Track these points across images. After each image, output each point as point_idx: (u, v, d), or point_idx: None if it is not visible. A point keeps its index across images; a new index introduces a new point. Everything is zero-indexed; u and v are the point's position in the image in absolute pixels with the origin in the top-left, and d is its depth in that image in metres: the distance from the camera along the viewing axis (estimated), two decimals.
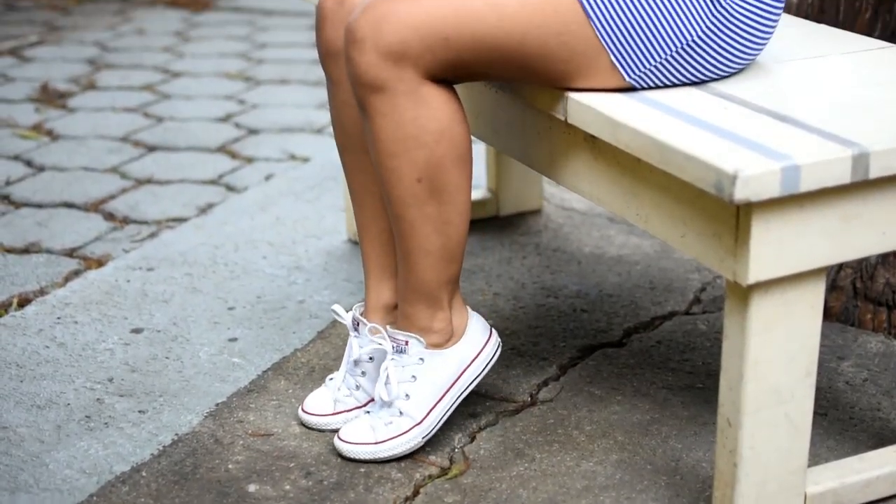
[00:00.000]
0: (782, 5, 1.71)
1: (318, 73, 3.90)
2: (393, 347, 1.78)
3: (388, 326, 1.81)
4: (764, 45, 1.72)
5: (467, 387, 1.80)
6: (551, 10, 1.61)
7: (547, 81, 1.67)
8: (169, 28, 4.59)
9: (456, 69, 1.64)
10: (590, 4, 1.61)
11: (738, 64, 1.71)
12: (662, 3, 1.63)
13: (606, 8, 1.62)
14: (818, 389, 1.91)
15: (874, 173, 1.45)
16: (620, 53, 1.63)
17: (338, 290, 2.31)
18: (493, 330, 1.84)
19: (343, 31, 1.76)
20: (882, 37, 2.17)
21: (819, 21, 2.28)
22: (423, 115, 1.63)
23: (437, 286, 1.74)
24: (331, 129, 3.30)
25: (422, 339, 1.76)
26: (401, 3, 1.61)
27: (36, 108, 3.54)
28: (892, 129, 1.51)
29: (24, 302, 2.29)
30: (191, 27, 4.61)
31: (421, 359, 1.77)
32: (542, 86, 1.70)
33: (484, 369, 1.82)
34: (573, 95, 1.66)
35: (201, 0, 5.02)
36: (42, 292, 2.33)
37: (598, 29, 1.62)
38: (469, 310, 1.82)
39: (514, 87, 1.79)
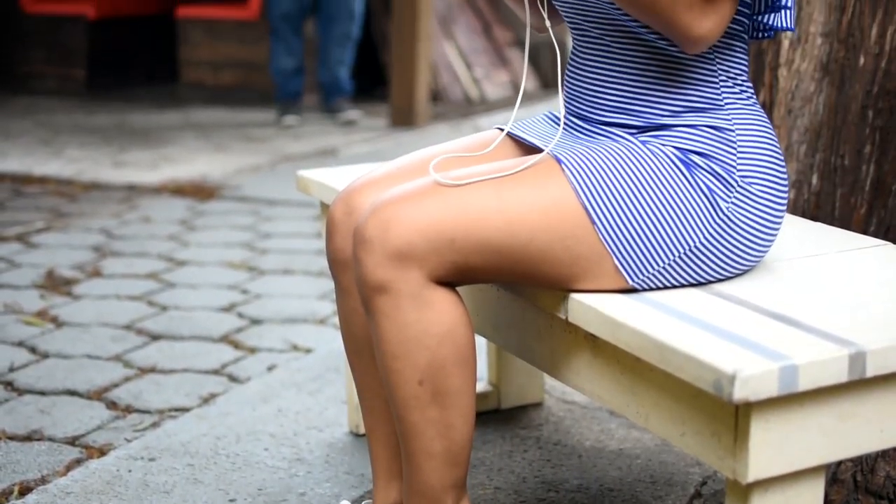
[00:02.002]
0: (783, 213, 1.77)
1: (322, 263, 3.95)
2: None
3: None
4: (766, 250, 1.77)
5: None
6: (556, 215, 1.66)
7: (551, 284, 1.71)
8: (174, 216, 4.66)
9: (461, 271, 1.67)
10: (594, 210, 1.66)
11: (741, 268, 1.75)
12: (666, 209, 1.68)
13: (610, 213, 1.66)
14: None
15: (871, 372, 1.48)
16: (624, 258, 1.67)
17: (339, 483, 2.30)
18: None
19: (351, 239, 1.80)
20: (877, 232, 2.21)
21: (816, 217, 2.33)
22: (427, 318, 1.66)
23: (441, 490, 1.73)
24: (333, 320, 3.33)
25: None
26: (408, 206, 1.65)
27: (41, 295, 3.58)
28: (887, 328, 1.54)
29: (25, 490, 2.28)
30: (196, 216, 4.68)
31: None
32: (545, 288, 1.73)
33: None
34: (574, 295, 1.69)
35: (206, 189, 5.11)
36: (43, 481, 2.33)
37: (602, 234, 1.66)
38: None
39: (515, 286, 1.83)
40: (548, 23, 1.86)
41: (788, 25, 1.78)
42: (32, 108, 7.43)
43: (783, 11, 1.77)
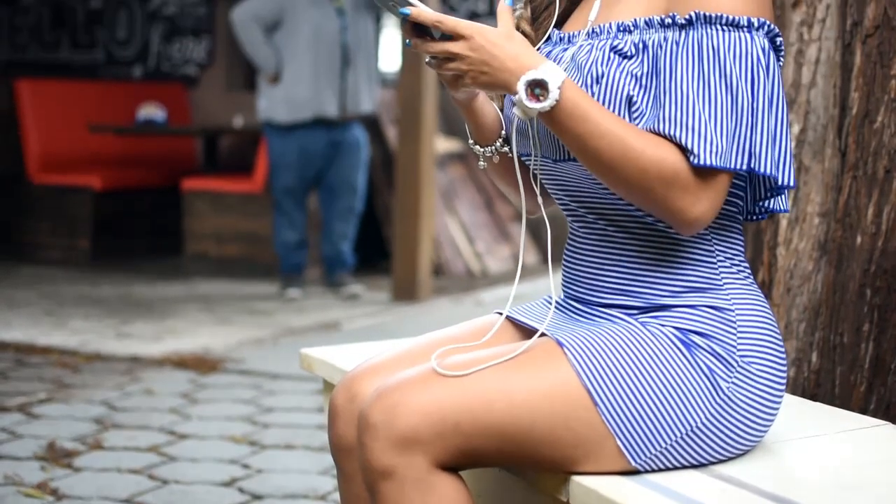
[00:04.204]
0: (783, 393, 1.78)
1: (323, 437, 3.94)
2: None
3: None
4: (767, 429, 1.78)
5: None
6: (560, 398, 1.68)
7: (553, 466, 1.71)
8: (176, 389, 4.66)
9: (465, 455, 1.68)
10: (597, 392, 1.68)
11: (742, 448, 1.76)
12: (667, 390, 1.69)
13: (613, 395, 1.68)
14: None
15: None
16: (627, 439, 1.68)
17: None
18: None
19: (354, 426, 1.81)
20: (877, 410, 2.22)
21: (815, 394, 2.34)
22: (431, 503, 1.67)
23: None
24: (335, 496, 3.31)
25: None
26: (413, 390, 1.67)
27: (42, 467, 3.56)
28: None
29: None
30: (198, 389, 4.68)
31: None
32: (547, 471, 1.74)
33: None
34: (576, 478, 1.69)
35: (209, 362, 5.12)
36: None
37: (605, 416, 1.68)
38: None
39: (517, 468, 1.83)
40: (541, 205, 1.90)
41: (784, 207, 1.83)
42: (37, 278, 7.49)
43: (783, 194, 1.82)
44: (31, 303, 6.56)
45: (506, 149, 1.93)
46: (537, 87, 1.65)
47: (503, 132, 1.94)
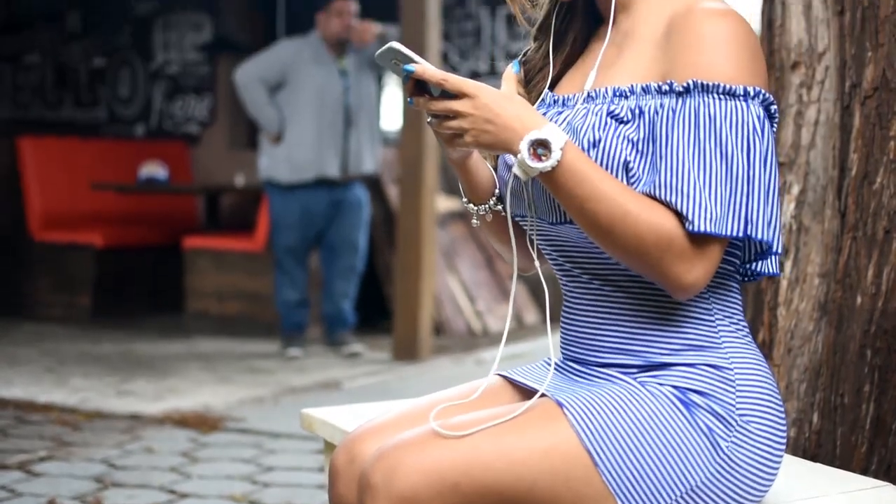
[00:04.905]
0: (783, 453, 1.79)
1: (323, 497, 3.93)
2: None
3: None
4: (767, 489, 1.78)
5: None
6: (559, 458, 1.68)
7: None
8: (177, 448, 4.65)
9: None
10: (597, 452, 1.68)
11: None
12: (667, 449, 1.70)
13: (613, 455, 1.68)
14: None
15: None
16: (627, 498, 1.69)
17: None
18: None
19: (354, 487, 1.82)
20: (878, 471, 2.22)
21: (816, 455, 2.35)
22: None
23: None
24: None
25: None
26: (412, 451, 1.68)
27: None
28: None
29: None
30: (199, 447, 4.67)
31: None
32: None
33: None
34: None
35: (210, 420, 5.11)
36: None
37: (605, 476, 1.68)
38: None
39: None
40: (536, 263, 1.91)
41: (775, 271, 1.84)
42: (38, 335, 7.49)
43: (771, 258, 1.82)
44: (32, 360, 6.56)
45: (499, 207, 1.95)
46: (540, 147, 1.67)
47: (496, 191, 1.95)
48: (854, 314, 2.32)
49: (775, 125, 1.75)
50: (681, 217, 1.67)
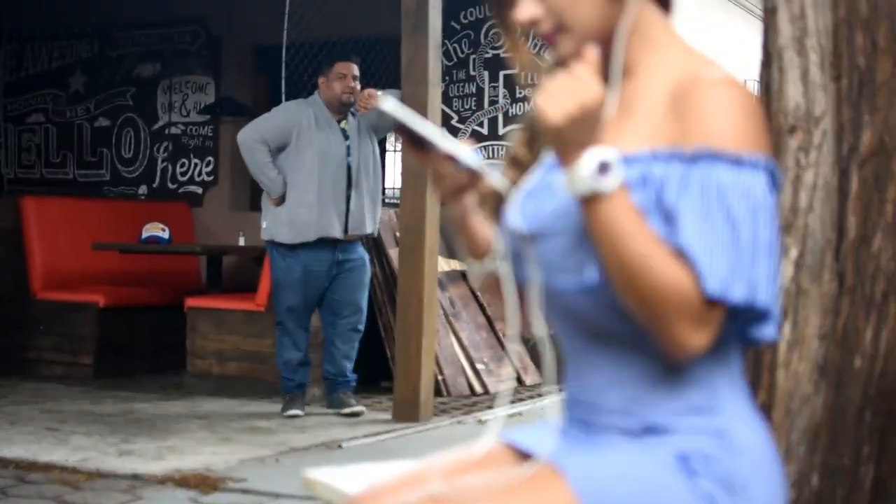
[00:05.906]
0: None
1: None
2: None
3: None
4: None
5: None
6: None
7: None
8: None
9: None
10: None
11: None
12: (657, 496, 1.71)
13: None
14: None
15: None
16: None
17: None
18: None
19: None
20: None
21: None
22: None
23: None
24: None
25: None
26: None
27: None
28: None
29: None
30: None
31: None
32: None
33: None
34: None
35: (210, 481, 5.11)
36: None
37: None
38: None
39: None
40: (538, 324, 1.91)
41: (774, 336, 1.85)
42: (39, 394, 7.48)
43: (769, 323, 1.82)
44: (33, 419, 6.56)
45: (497, 265, 1.95)
46: (602, 166, 1.67)
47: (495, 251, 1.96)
48: (853, 376, 2.34)
49: (778, 192, 1.76)
50: (696, 278, 1.67)
